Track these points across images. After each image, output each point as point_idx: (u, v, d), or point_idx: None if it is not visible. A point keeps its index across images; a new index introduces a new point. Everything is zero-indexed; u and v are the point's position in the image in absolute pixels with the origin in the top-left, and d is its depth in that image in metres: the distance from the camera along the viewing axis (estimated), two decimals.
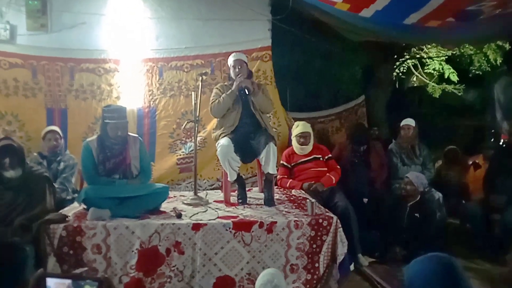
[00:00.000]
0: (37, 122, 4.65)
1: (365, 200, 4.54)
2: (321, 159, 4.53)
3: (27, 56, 4.71)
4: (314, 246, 3.27)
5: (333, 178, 4.39)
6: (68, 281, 1.58)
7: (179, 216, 3.32)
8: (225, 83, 4.08)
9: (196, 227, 3.17)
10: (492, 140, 5.76)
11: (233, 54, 4.07)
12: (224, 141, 3.77)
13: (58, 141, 4.14)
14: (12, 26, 4.66)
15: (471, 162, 5.07)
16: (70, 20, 4.76)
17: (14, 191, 3.17)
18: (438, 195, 4.48)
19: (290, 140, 5.02)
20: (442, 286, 1.45)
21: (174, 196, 4.10)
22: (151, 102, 4.95)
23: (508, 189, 4.10)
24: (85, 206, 3.40)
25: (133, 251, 3.12)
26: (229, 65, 4.05)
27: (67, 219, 3.18)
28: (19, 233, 2.98)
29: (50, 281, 1.57)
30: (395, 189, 4.65)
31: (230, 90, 3.87)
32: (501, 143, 5.07)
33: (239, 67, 3.94)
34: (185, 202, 3.84)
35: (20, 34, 4.70)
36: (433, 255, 1.60)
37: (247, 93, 3.82)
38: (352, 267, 3.64)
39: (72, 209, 3.54)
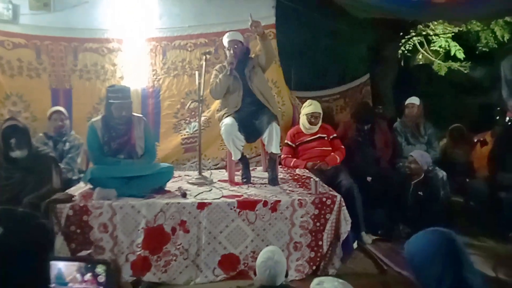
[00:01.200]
0: (42, 103, 4.65)
1: (369, 178, 4.55)
2: (326, 138, 4.53)
3: (31, 36, 4.69)
4: (318, 224, 3.31)
5: (338, 157, 4.39)
6: (77, 263, 1.61)
7: (184, 195, 3.36)
8: (224, 64, 4.05)
9: (201, 206, 3.21)
10: (498, 117, 5.70)
11: (227, 35, 3.99)
12: (228, 120, 3.77)
13: (63, 122, 4.17)
14: (15, 5, 4.61)
15: (477, 140, 5.04)
16: None
17: (21, 171, 3.22)
18: (442, 173, 4.48)
19: (294, 120, 5.01)
20: (443, 259, 1.46)
21: (179, 176, 4.13)
22: (155, 82, 4.94)
23: None
24: (91, 186, 3.44)
25: (139, 230, 3.17)
26: (224, 45, 4.00)
27: (73, 198, 3.23)
28: (29, 211, 3.02)
29: (59, 264, 1.59)
30: (399, 168, 4.65)
31: (225, 71, 3.84)
32: (507, 121, 5.03)
33: (235, 46, 3.89)
34: (190, 181, 3.87)
35: (23, 13, 4.66)
36: (434, 229, 1.61)
37: (230, 68, 3.78)
38: (355, 245, 3.69)
39: (78, 189, 3.58)
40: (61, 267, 1.60)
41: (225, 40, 3.96)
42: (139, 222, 3.17)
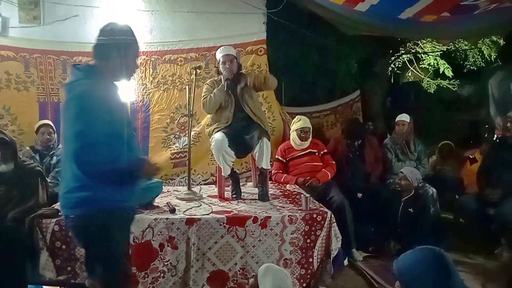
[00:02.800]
0: (30, 116, 4.60)
1: (360, 195, 4.54)
2: (316, 154, 4.52)
3: (20, 48, 4.65)
4: (308, 241, 3.27)
5: (329, 173, 4.38)
6: None
7: (172, 211, 3.31)
8: (215, 78, 4.04)
9: (190, 222, 3.16)
10: (487, 135, 5.77)
11: (220, 49, 3.96)
12: (218, 135, 3.74)
13: (51, 135, 4.11)
14: (4, 18, 4.59)
15: (466, 157, 5.08)
16: (63, 12, 4.70)
17: (7, 185, 3.16)
18: (432, 190, 4.49)
19: (285, 135, 5.00)
20: (433, 275, 1.45)
21: (168, 191, 4.08)
22: (145, 96, 4.91)
23: (503, 184, 4.11)
24: None
25: None
26: (217, 60, 4.00)
27: (59, 213, 3.15)
28: (13, 227, 2.96)
29: None
30: (389, 184, 4.65)
31: (221, 85, 3.82)
32: (495, 138, 5.08)
33: (229, 62, 3.87)
34: (178, 197, 3.82)
35: (12, 26, 4.64)
36: (423, 247, 1.61)
37: (226, 83, 3.76)
38: (346, 261, 3.65)
39: None
40: None
41: (219, 54, 3.93)
42: None
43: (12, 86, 4.64)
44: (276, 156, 4.55)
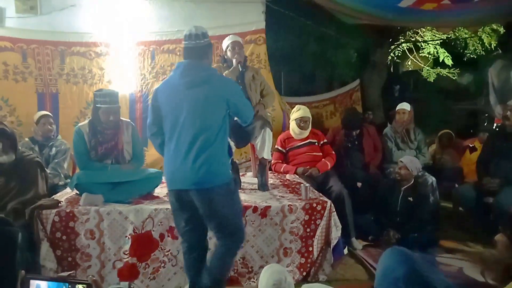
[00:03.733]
0: (28, 107, 4.58)
1: (359, 184, 4.54)
2: (316, 144, 4.51)
3: (17, 39, 4.62)
4: (308, 230, 3.28)
5: (328, 163, 4.37)
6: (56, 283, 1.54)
7: None
8: (218, 66, 4.02)
9: None
10: (486, 123, 5.77)
11: (230, 36, 3.93)
12: None
13: (52, 126, 4.10)
14: (1, 8, 4.55)
15: (466, 145, 5.08)
16: (60, 2, 4.66)
17: (7, 176, 3.14)
18: (431, 179, 4.49)
19: (284, 125, 4.99)
20: (403, 266, 1.42)
21: None
22: (143, 86, 4.89)
23: (502, 172, 4.12)
24: (77, 192, 3.37)
25: (126, 236, 3.11)
26: (223, 47, 3.96)
27: (59, 204, 3.16)
28: (12, 218, 2.95)
29: (39, 283, 1.52)
30: (389, 173, 4.66)
31: (233, 67, 3.72)
32: (494, 127, 5.08)
33: (238, 48, 3.85)
34: None
35: (8, 16, 4.60)
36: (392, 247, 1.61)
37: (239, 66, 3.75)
38: (346, 250, 3.67)
39: (64, 195, 3.52)
40: (41, 286, 1.53)
41: (227, 41, 3.88)
42: (126, 228, 3.11)
43: (10, 77, 4.62)
44: (276, 146, 4.54)
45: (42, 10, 4.65)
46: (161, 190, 3.61)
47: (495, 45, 6.99)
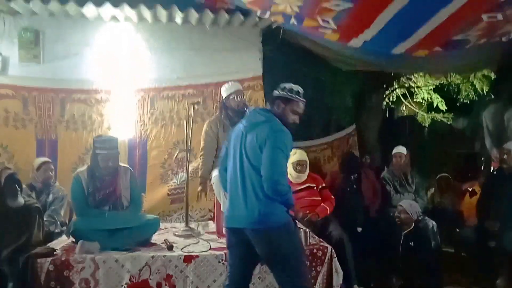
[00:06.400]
0: (27, 154, 4.59)
1: (359, 229, 4.49)
2: (314, 188, 4.49)
3: (19, 87, 4.70)
4: (309, 277, 3.20)
5: (328, 208, 4.33)
6: None
7: (170, 248, 3.25)
8: (215, 117, 4.08)
9: (188, 259, 3.10)
10: (483, 167, 5.79)
11: (230, 84, 4.02)
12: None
13: (52, 172, 4.09)
14: (4, 57, 4.66)
15: (465, 189, 5.08)
16: (63, 51, 4.78)
17: (9, 222, 3.10)
18: (432, 223, 4.45)
19: None
20: None
21: (165, 228, 4.03)
22: (143, 132, 4.92)
23: (502, 215, 4.09)
24: (73, 239, 3.31)
25: (122, 285, 3.03)
26: (225, 95, 4.01)
27: (55, 252, 3.09)
28: (6, 266, 2.89)
29: None
30: (389, 218, 4.61)
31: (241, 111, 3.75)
32: (492, 170, 5.09)
33: (241, 96, 3.95)
34: (176, 233, 3.77)
35: (12, 65, 4.70)
36: None
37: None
38: None
39: (60, 242, 3.45)
40: None
41: (231, 89, 3.97)
42: (122, 277, 3.03)
43: (10, 124, 4.66)
44: None
45: (45, 59, 4.76)
46: (158, 237, 3.56)
47: (487, 90, 7.14)
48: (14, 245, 3.02)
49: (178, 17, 4.76)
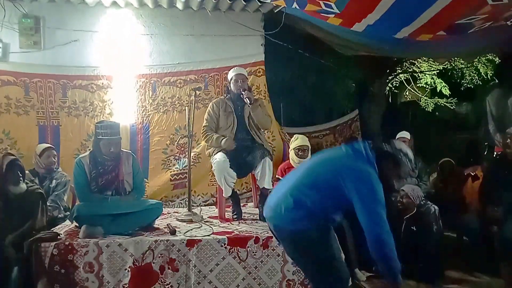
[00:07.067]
0: (29, 140, 4.61)
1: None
2: None
3: (20, 73, 4.69)
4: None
5: None
6: None
7: (173, 232, 3.27)
8: (221, 97, 4.08)
9: (191, 243, 3.12)
10: (486, 152, 5.77)
11: (234, 69, 4.08)
12: (219, 156, 3.74)
13: (55, 158, 4.11)
14: (5, 44, 4.65)
15: (468, 174, 5.06)
16: (63, 37, 4.76)
17: (12, 207, 3.13)
18: (434, 208, 4.43)
19: (284, 155, 5.00)
20: None
21: (168, 213, 4.06)
22: (144, 118, 4.93)
23: (505, 201, 4.08)
24: (77, 224, 3.34)
25: (126, 269, 3.06)
26: (229, 79, 4.04)
27: (58, 237, 3.12)
28: (10, 251, 2.92)
29: None
30: (391, 202, 4.61)
31: (228, 138, 3.82)
32: (495, 155, 5.07)
33: (241, 81, 3.95)
34: (179, 218, 3.79)
35: (12, 51, 4.69)
36: None
37: (248, 102, 3.81)
38: (350, 282, 3.59)
39: (64, 227, 3.49)
40: None
41: (232, 73, 4.01)
42: (126, 261, 3.06)
43: (12, 111, 4.67)
44: (277, 176, 4.52)
45: (45, 45, 4.74)
46: (161, 222, 3.58)
47: (491, 75, 7.08)
48: (19, 231, 3.06)
49: (179, 2, 4.73)
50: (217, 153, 3.81)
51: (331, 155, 2.57)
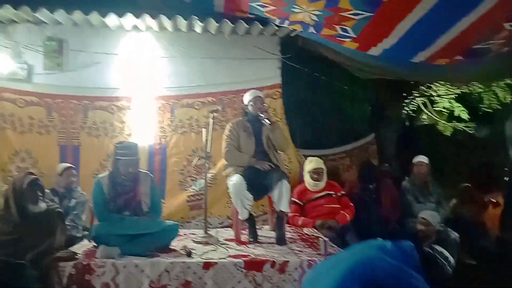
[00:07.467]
0: (50, 159, 4.69)
1: (378, 239, 4.42)
2: (333, 195, 4.47)
3: (43, 94, 4.81)
4: None
5: (348, 215, 4.31)
6: None
7: (189, 254, 3.27)
8: (239, 118, 4.12)
9: (207, 266, 3.11)
10: (509, 177, 5.66)
11: (251, 91, 4.13)
12: (236, 178, 3.75)
13: (75, 178, 4.18)
14: (30, 65, 4.79)
15: (488, 200, 4.97)
16: (85, 59, 4.89)
17: (32, 226, 3.17)
18: (454, 234, 4.36)
19: (301, 177, 4.98)
20: None
21: (184, 234, 4.05)
22: (162, 139, 4.99)
23: None
24: (95, 244, 3.36)
25: None
26: (245, 102, 4.09)
27: (76, 256, 3.15)
28: (29, 269, 2.95)
29: None
30: (409, 228, 4.54)
31: (250, 158, 3.86)
32: None
33: (260, 103, 4.00)
34: (195, 240, 3.78)
35: (36, 73, 4.82)
36: None
37: (267, 123, 3.84)
38: None
39: (82, 247, 3.51)
40: None
41: (250, 96, 4.06)
42: (142, 282, 3.06)
43: (35, 130, 4.77)
44: (293, 199, 4.50)
45: (68, 67, 4.87)
46: (177, 243, 3.58)
47: (510, 99, 6.99)
48: (38, 249, 3.09)
49: (198, 26, 4.83)
50: (234, 174, 3.82)
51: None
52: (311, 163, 4.55)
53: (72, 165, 4.30)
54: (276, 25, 4.73)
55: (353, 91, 6.64)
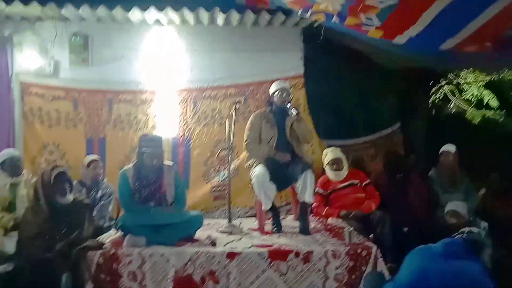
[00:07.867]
0: (77, 152, 4.80)
1: (405, 229, 4.35)
2: (358, 184, 4.42)
3: (69, 89, 4.93)
4: (353, 277, 3.15)
5: (373, 204, 4.26)
6: None
7: (213, 244, 3.30)
8: (262, 109, 4.12)
9: (231, 255, 3.13)
10: None
11: (278, 82, 4.13)
12: (259, 169, 3.74)
13: (101, 170, 4.26)
14: (56, 61, 4.91)
15: None
16: (110, 54, 4.98)
17: (61, 217, 3.26)
18: (483, 224, 4.26)
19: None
20: None
21: (208, 224, 4.09)
22: (186, 131, 5.03)
23: None
24: (121, 233, 3.43)
25: (168, 279, 3.10)
26: (270, 92, 4.08)
27: (104, 246, 3.21)
28: (59, 259, 3.03)
29: None
30: (437, 218, 4.45)
31: (272, 149, 3.87)
32: None
33: (286, 94, 3.99)
34: (219, 230, 3.81)
35: (63, 68, 4.93)
36: None
37: (294, 113, 3.82)
38: None
39: (109, 237, 3.58)
40: None
41: (276, 86, 4.06)
42: (168, 271, 3.11)
43: (62, 124, 4.90)
44: (316, 189, 4.47)
45: (93, 62, 4.98)
46: (202, 233, 3.61)
47: None
48: (67, 239, 3.17)
49: (220, 18, 4.83)
50: (256, 165, 3.82)
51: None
52: (327, 155, 4.53)
53: (98, 158, 4.38)
54: (299, 16, 4.68)
55: (377, 81, 6.53)
